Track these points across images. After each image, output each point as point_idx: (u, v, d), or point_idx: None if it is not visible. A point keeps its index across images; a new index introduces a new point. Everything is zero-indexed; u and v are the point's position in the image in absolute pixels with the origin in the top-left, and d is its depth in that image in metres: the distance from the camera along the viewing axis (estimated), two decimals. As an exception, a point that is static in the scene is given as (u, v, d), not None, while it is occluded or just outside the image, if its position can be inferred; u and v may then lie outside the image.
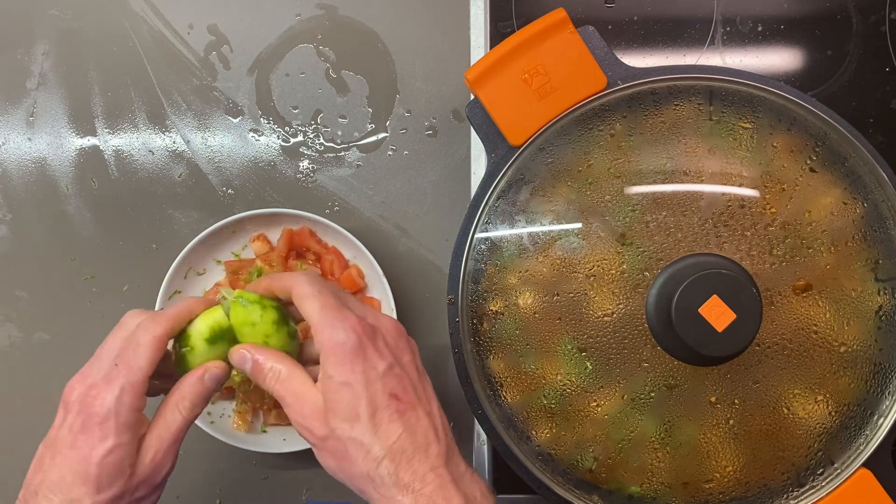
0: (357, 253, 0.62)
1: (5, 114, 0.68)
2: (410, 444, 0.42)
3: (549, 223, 0.51)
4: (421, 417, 0.43)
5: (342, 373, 0.42)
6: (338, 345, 0.42)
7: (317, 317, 0.43)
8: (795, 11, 0.65)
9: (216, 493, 0.66)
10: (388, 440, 0.42)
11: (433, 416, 0.44)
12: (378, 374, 0.42)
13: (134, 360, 0.44)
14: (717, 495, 0.49)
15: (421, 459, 0.42)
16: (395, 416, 0.42)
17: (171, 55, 0.67)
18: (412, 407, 0.43)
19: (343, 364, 0.42)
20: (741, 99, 0.51)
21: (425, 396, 0.44)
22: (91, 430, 0.43)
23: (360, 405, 0.42)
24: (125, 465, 0.43)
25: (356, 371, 0.42)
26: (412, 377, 0.44)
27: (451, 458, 0.43)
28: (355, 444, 0.42)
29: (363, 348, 0.42)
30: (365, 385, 0.42)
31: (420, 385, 0.44)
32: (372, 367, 0.42)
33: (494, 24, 0.65)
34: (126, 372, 0.44)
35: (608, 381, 0.49)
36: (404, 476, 0.41)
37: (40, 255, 0.67)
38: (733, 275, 0.45)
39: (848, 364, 0.49)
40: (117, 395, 0.43)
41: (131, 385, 0.43)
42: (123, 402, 0.43)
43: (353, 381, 0.42)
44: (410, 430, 0.42)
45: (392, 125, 0.67)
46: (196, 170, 0.67)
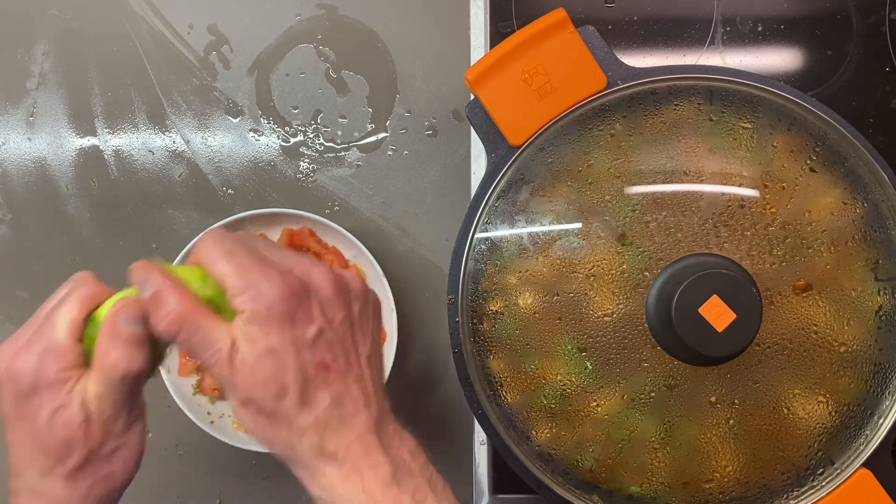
0: (357, 253, 0.62)
1: (5, 114, 0.68)
2: (337, 415, 0.39)
3: (549, 223, 0.51)
4: (350, 384, 0.40)
5: (267, 339, 0.37)
6: (263, 307, 0.37)
7: (233, 280, 0.38)
8: (795, 11, 0.65)
9: (216, 493, 0.66)
10: (314, 412, 0.38)
11: (364, 380, 0.40)
12: (307, 341, 0.38)
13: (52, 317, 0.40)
14: (717, 495, 0.49)
15: (348, 428, 0.39)
16: (323, 387, 0.39)
17: (171, 55, 0.67)
18: (341, 376, 0.39)
19: (268, 329, 0.37)
20: (741, 99, 0.51)
21: (357, 361, 0.40)
22: (26, 403, 0.40)
23: (287, 377, 0.38)
24: (73, 432, 0.40)
25: (284, 338, 0.37)
26: (345, 340, 0.40)
27: (381, 422, 0.40)
28: (278, 415, 0.38)
29: (290, 309, 0.38)
30: (294, 354, 0.38)
31: (353, 348, 0.40)
32: (301, 334, 0.38)
33: (494, 24, 0.65)
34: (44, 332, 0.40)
35: (608, 381, 0.49)
36: (328, 446, 0.39)
37: (40, 255, 0.67)
38: (733, 275, 0.45)
39: (848, 364, 0.49)
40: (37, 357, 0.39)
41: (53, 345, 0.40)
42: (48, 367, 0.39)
43: (280, 349, 0.37)
44: (338, 401, 0.39)
45: (392, 125, 0.67)
46: (196, 170, 0.67)
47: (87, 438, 0.40)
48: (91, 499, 0.41)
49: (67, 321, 0.40)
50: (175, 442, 0.66)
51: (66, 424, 0.40)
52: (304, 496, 0.65)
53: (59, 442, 0.40)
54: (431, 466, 0.42)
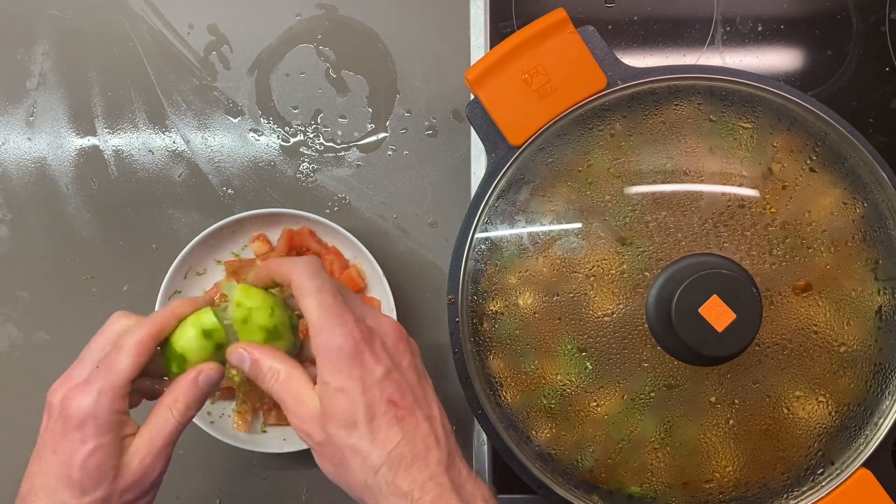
0: (357, 253, 0.62)
1: (5, 114, 0.68)
2: (409, 451, 0.41)
3: (549, 223, 0.51)
4: (420, 423, 0.42)
5: (339, 378, 0.41)
6: (335, 349, 0.41)
7: (315, 317, 0.42)
8: (795, 11, 0.65)
9: (216, 493, 0.66)
10: (387, 447, 0.40)
11: (433, 420, 0.42)
12: (375, 379, 0.41)
13: (115, 363, 0.43)
14: (717, 495, 0.49)
15: (420, 467, 0.40)
16: (394, 422, 0.41)
17: (171, 55, 0.67)
18: (411, 412, 0.42)
19: (340, 370, 0.41)
20: (741, 99, 0.51)
21: (425, 401, 0.43)
22: (70, 433, 0.42)
23: (357, 411, 0.41)
24: (107, 466, 0.42)
25: (353, 377, 0.41)
26: (411, 381, 0.43)
27: (453, 465, 0.42)
28: (353, 451, 0.41)
29: (360, 353, 0.41)
30: (362, 391, 0.41)
31: (420, 389, 0.43)
32: (369, 373, 0.41)
33: (494, 24, 0.65)
34: (106, 374, 0.43)
35: (608, 381, 0.49)
36: (403, 484, 0.40)
37: (40, 255, 0.67)
38: (733, 275, 0.45)
39: (848, 364, 0.49)
40: (95, 397, 0.42)
41: (111, 387, 0.43)
42: (101, 405, 0.42)
43: (349, 387, 0.41)
44: (409, 437, 0.41)
45: (392, 125, 0.67)
46: (196, 170, 0.67)
47: (114, 481, 0.42)
48: None
49: (129, 365, 0.43)
50: (175, 442, 0.66)
51: (100, 464, 0.42)
52: (303, 496, 0.65)
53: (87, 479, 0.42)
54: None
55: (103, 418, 0.42)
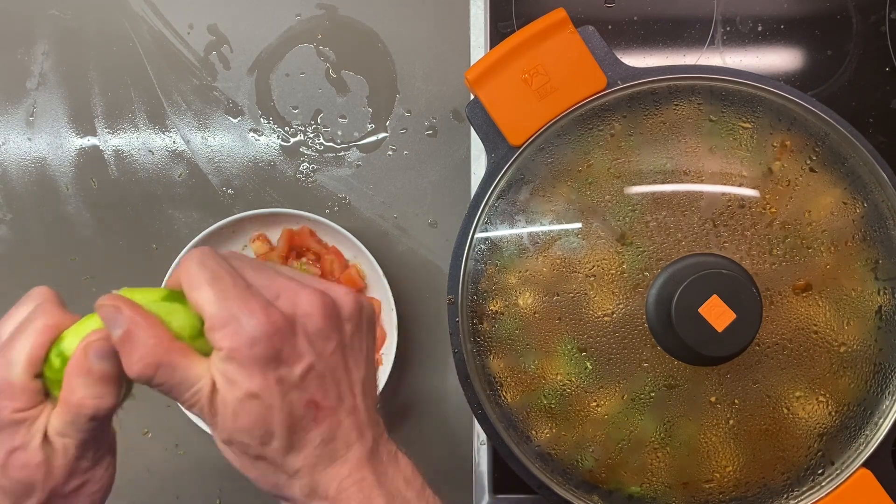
0: (357, 253, 0.62)
1: (5, 114, 0.68)
2: (328, 453, 0.36)
3: (549, 223, 0.51)
4: (342, 419, 0.37)
5: (250, 381, 0.34)
6: (244, 345, 0.34)
7: (213, 310, 0.34)
8: (795, 11, 0.65)
9: (216, 493, 0.66)
10: (302, 453, 0.36)
11: (357, 411, 0.38)
12: (294, 380, 0.35)
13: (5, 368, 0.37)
14: (717, 495, 0.49)
15: (340, 465, 0.37)
16: (313, 426, 0.36)
17: (171, 55, 0.67)
18: (333, 412, 0.36)
19: (251, 370, 0.34)
20: (741, 99, 0.51)
21: (349, 390, 0.37)
22: None
23: (273, 421, 0.35)
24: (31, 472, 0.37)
25: (268, 379, 0.34)
26: (336, 370, 0.37)
27: (374, 452, 0.38)
28: (265, 460, 0.36)
29: (276, 350, 0.34)
30: (280, 396, 0.35)
31: (344, 374, 0.37)
32: (287, 373, 0.35)
33: (494, 24, 0.65)
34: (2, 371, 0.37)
35: (608, 381, 0.49)
36: (320, 486, 0.36)
37: (40, 255, 0.67)
38: (733, 275, 0.45)
39: (848, 364, 0.49)
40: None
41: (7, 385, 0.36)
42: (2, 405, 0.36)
43: (263, 392, 0.34)
44: (329, 438, 0.36)
45: (392, 125, 0.67)
46: (196, 170, 0.67)
47: (47, 478, 0.37)
48: None
49: (24, 357, 0.37)
50: (175, 442, 0.66)
51: (24, 466, 0.37)
52: (304, 496, 0.65)
53: (18, 483, 0.37)
54: (428, 490, 0.40)
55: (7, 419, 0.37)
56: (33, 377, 0.37)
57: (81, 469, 0.38)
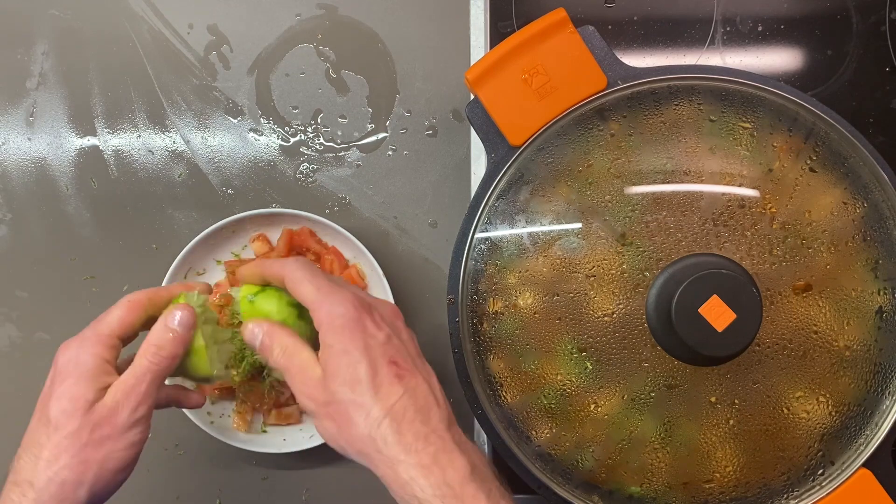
0: (357, 253, 0.62)
1: (5, 114, 0.68)
2: (412, 406, 0.42)
3: (549, 223, 0.51)
4: (420, 383, 0.43)
5: (341, 341, 0.43)
6: (337, 316, 0.43)
7: (312, 296, 0.44)
8: (795, 11, 0.65)
9: (216, 493, 0.66)
10: (389, 401, 0.42)
11: (432, 384, 0.44)
12: (378, 341, 0.43)
13: (104, 317, 0.47)
14: (717, 495, 0.49)
15: (423, 420, 0.42)
16: (395, 380, 0.42)
17: (171, 55, 0.67)
18: (412, 373, 0.43)
19: (343, 333, 0.43)
20: (741, 99, 0.51)
21: (424, 368, 0.45)
22: (55, 382, 0.45)
23: (359, 369, 0.42)
24: (80, 402, 0.44)
25: (356, 339, 0.43)
26: (410, 351, 0.45)
27: (453, 425, 0.43)
28: (356, 405, 0.42)
29: (361, 319, 0.43)
30: (364, 350, 0.42)
31: (419, 359, 0.45)
32: (371, 336, 0.43)
33: (494, 24, 0.65)
34: (93, 326, 0.47)
35: (608, 381, 0.49)
36: (406, 436, 0.41)
37: (40, 255, 0.67)
38: (733, 275, 0.45)
39: (848, 364, 0.49)
40: (78, 344, 0.46)
41: (95, 334, 0.46)
42: (84, 350, 0.45)
43: (352, 347, 0.43)
44: (411, 393, 0.42)
45: (392, 125, 0.67)
46: (196, 170, 0.67)
47: (85, 414, 0.44)
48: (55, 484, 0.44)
49: (113, 320, 0.47)
50: (175, 442, 0.66)
51: (74, 397, 0.44)
52: (303, 496, 0.65)
53: (61, 411, 0.44)
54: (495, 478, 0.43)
55: (83, 361, 0.45)
56: (116, 339, 0.47)
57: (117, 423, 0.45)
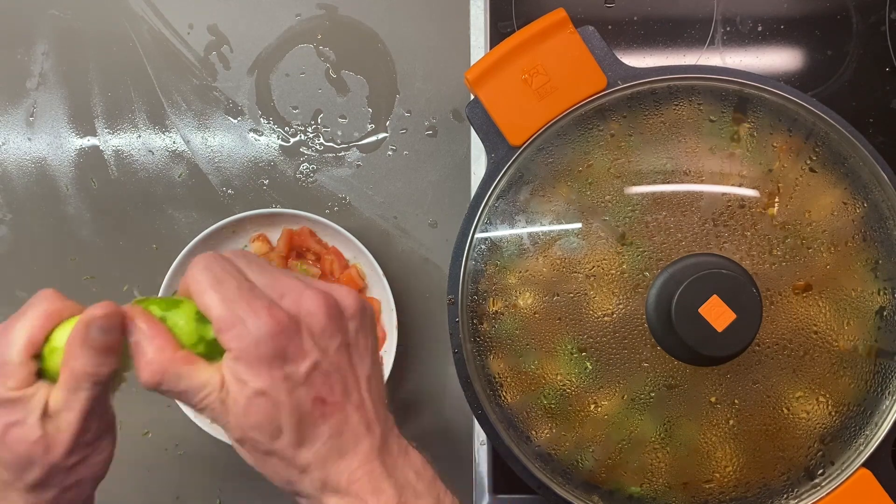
0: (357, 253, 0.62)
1: (5, 114, 0.68)
2: (337, 447, 0.38)
3: (549, 223, 0.51)
4: (350, 414, 0.38)
5: (258, 379, 0.36)
6: (249, 344, 0.35)
7: (218, 312, 0.36)
8: (795, 11, 0.65)
9: (216, 493, 0.66)
10: (312, 448, 0.37)
11: (364, 406, 0.39)
12: (300, 377, 0.36)
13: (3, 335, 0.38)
14: (717, 495, 0.49)
15: (350, 458, 0.38)
16: (321, 421, 0.37)
17: (171, 55, 0.67)
18: (340, 407, 0.38)
19: (258, 369, 0.36)
20: (741, 99, 0.51)
21: (356, 385, 0.39)
22: None
23: (281, 417, 0.36)
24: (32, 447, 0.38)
25: (275, 377, 0.36)
26: (341, 367, 0.38)
27: (384, 445, 0.39)
28: (276, 455, 0.37)
29: (281, 348, 0.36)
30: (287, 393, 0.36)
31: (350, 372, 0.39)
32: (293, 370, 0.36)
33: (494, 24, 0.65)
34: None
35: (608, 381, 0.49)
36: (331, 479, 0.38)
37: (40, 255, 0.67)
38: (733, 275, 0.45)
39: (848, 364, 0.49)
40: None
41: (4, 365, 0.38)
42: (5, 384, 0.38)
43: (271, 389, 0.36)
44: (337, 433, 0.38)
45: (392, 125, 0.67)
46: (196, 170, 0.67)
47: (46, 453, 0.38)
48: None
49: (24, 337, 0.38)
50: (175, 442, 0.66)
51: (21, 440, 0.38)
52: (304, 496, 0.65)
53: (17, 458, 0.38)
54: (439, 482, 0.40)
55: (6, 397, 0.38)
56: (30, 358, 0.38)
57: (83, 444, 0.39)
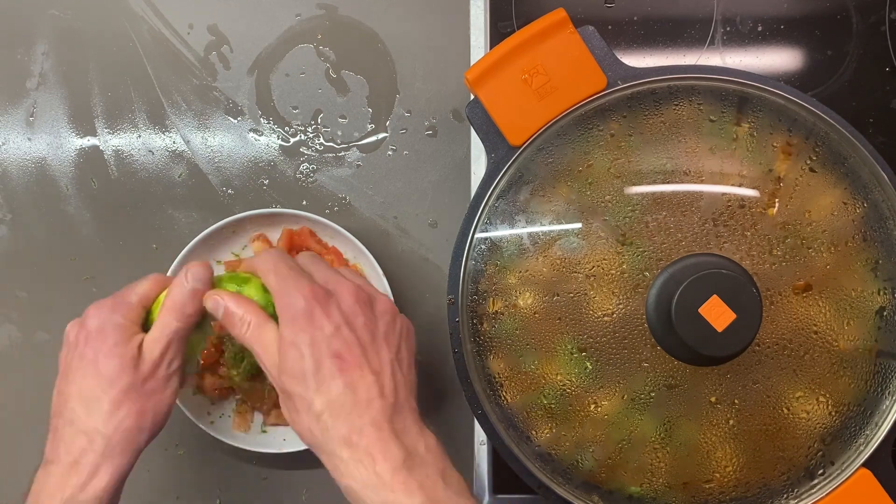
0: (357, 253, 0.62)
1: (5, 114, 0.68)
2: (350, 400, 0.44)
3: (549, 223, 0.51)
4: (365, 375, 0.45)
5: (291, 333, 0.45)
6: (289, 306, 0.45)
7: (273, 285, 0.47)
8: (795, 11, 0.65)
9: (216, 493, 0.66)
10: (329, 395, 0.44)
11: (381, 374, 0.45)
12: (324, 335, 0.45)
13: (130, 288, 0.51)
14: (717, 495, 0.49)
15: (360, 413, 0.43)
16: (337, 374, 0.44)
17: (171, 55, 0.67)
18: (357, 366, 0.45)
19: (294, 324, 0.45)
20: (741, 99, 0.51)
21: (376, 358, 0.46)
22: (92, 340, 0.48)
23: (304, 363, 0.44)
24: (127, 358, 0.47)
25: (304, 331, 0.45)
26: (362, 339, 0.46)
27: (397, 415, 0.45)
28: (300, 399, 0.44)
29: (311, 311, 0.45)
30: (310, 344, 0.44)
31: (372, 348, 0.46)
32: (318, 328, 0.45)
33: (494, 24, 0.65)
34: (118, 296, 0.50)
35: (608, 381, 0.49)
36: (341, 429, 0.43)
37: (40, 255, 0.67)
38: (733, 275, 0.45)
39: (848, 364, 0.49)
40: (110, 308, 0.49)
41: (125, 301, 0.50)
42: (117, 314, 0.49)
43: (299, 340, 0.44)
44: (351, 387, 0.44)
45: (392, 125, 0.67)
46: (196, 170, 0.67)
47: (135, 370, 0.48)
48: (121, 432, 0.47)
49: (140, 291, 0.50)
50: (175, 442, 0.66)
51: (122, 355, 0.48)
52: (303, 496, 0.65)
53: (114, 367, 0.47)
54: (448, 462, 0.45)
55: (119, 323, 0.48)
56: (141, 306, 0.50)
57: (158, 377, 0.49)
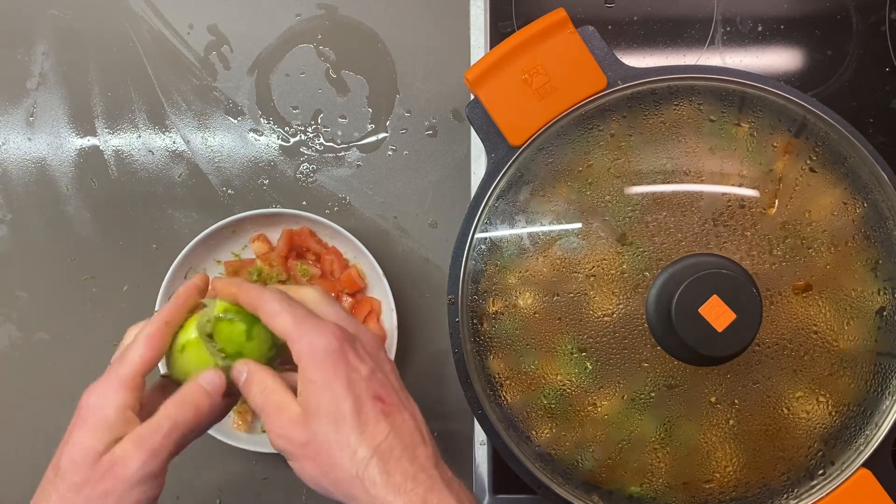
0: (357, 253, 0.62)
1: (5, 114, 0.68)
2: (398, 444, 0.41)
3: (549, 223, 0.51)
4: (407, 419, 0.42)
5: (324, 376, 0.41)
6: (318, 349, 0.42)
7: (291, 328, 0.43)
8: (795, 11, 0.65)
9: (216, 493, 0.66)
10: (375, 440, 0.40)
11: (418, 420, 0.43)
12: (361, 376, 0.42)
13: (125, 357, 0.43)
14: (717, 495, 0.49)
15: (410, 459, 0.41)
16: (381, 416, 0.41)
17: (171, 55, 0.67)
18: (398, 409, 0.42)
19: (325, 367, 0.41)
20: (741, 99, 0.51)
21: (408, 401, 0.44)
22: (74, 426, 0.42)
23: (343, 405, 0.41)
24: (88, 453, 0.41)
25: (339, 373, 0.41)
26: (394, 384, 0.44)
27: (439, 463, 0.42)
28: (340, 445, 0.40)
29: (344, 352, 0.42)
30: (348, 386, 0.41)
31: (403, 393, 0.44)
32: (354, 370, 0.42)
33: (494, 24, 0.65)
34: (116, 367, 0.43)
35: (608, 381, 0.49)
36: (395, 476, 0.40)
37: (40, 255, 0.67)
38: (733, 275, 0.45)
39: (848, 364, 0.49)
40: (101, 391, 0.42)
41: (118, 380, 0.42)
42: (106, 398, 0.42)
43: (335, 383, 0.41)
44: (397, 431, 0.41)
45: (392, 125, 0.67)
46: (196, 170, 0.67)
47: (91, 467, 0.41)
48: None
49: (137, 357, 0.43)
50: (175, 442, 0.66)
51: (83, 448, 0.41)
52: (303, 496, 0.65)
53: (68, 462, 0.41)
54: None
55: (102, 408, 0.42)
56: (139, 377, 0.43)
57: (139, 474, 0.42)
